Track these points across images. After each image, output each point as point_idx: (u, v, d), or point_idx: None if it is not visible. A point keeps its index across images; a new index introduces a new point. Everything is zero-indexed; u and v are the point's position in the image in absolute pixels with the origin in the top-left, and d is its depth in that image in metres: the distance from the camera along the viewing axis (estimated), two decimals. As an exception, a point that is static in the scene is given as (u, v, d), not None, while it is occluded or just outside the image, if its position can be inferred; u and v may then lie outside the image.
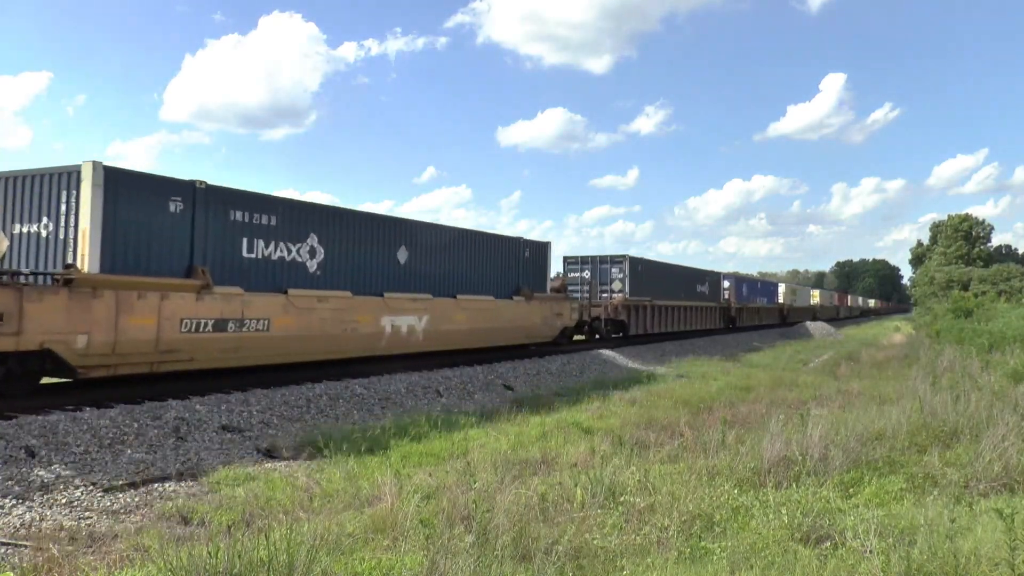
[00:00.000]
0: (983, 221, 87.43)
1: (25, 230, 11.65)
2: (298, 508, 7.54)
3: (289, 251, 14.57)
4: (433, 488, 7.87)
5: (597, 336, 29.34)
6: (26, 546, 6.42)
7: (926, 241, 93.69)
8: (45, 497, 7.97)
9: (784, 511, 6.42)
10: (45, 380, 11.99)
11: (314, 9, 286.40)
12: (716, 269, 48.81)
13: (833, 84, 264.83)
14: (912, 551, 5.18)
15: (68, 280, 10.70)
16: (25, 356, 10.60)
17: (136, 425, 10.67)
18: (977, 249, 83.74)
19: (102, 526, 7.23)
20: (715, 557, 5.65)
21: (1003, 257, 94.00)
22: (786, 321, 58.45)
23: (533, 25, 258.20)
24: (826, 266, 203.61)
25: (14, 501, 7.85)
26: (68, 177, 11.32)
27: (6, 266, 10.94)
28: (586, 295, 29.27)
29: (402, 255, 17.81)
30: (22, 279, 10.71)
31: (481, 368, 19.56)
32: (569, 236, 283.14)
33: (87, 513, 7.72)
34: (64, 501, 7.94)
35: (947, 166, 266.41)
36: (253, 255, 13.84)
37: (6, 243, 10.71)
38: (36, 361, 10.90)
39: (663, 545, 6.00)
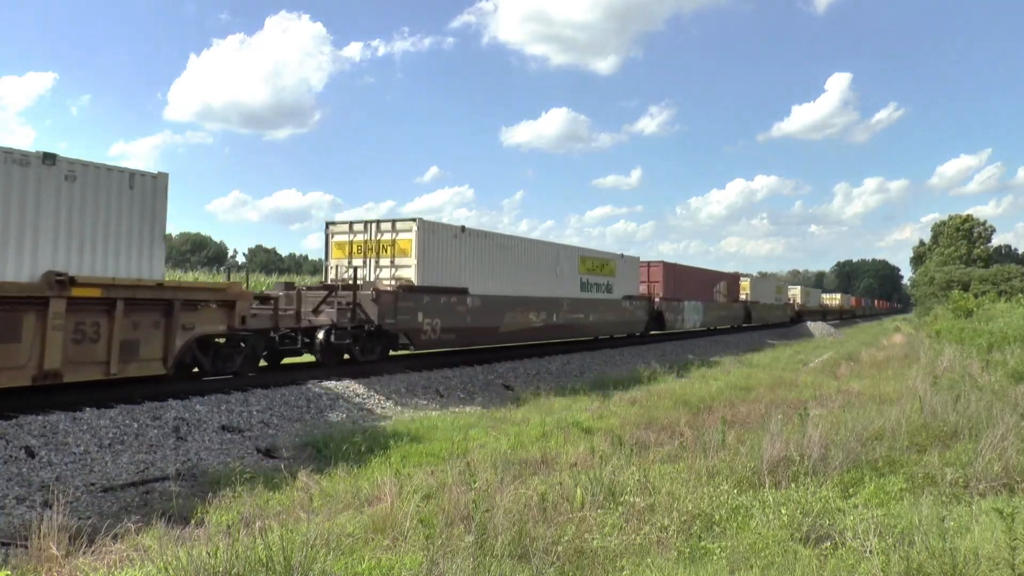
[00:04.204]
0: (984, 222, 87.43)
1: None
2: (298, 508, 7.54)
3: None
4: (433, 488, 7.86)
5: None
6: (26, 546, 6.41)
7: (928, 241, 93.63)
8: (45, 497, 7.97)
9: (784, 511, 6.41)
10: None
11: (321, 9, 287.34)
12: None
13: (838, 84, 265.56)
14: (912, 551, 5.18)
15: None
16: None
17: (136, 425, 10.67)
18: (978, 249, 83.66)
19: (102, 526, 7.22)
20: (715, 557, 5.65)
21: (1003, 257, 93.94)
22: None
23: (539, 25, 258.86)
24: (827, 266, 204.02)
25: (14, 501, 7.85)
26: None
27: None
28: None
29: None
30: None
31: (481, 368, 19.56)
32: (571, 236, 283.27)
33: (87, 513, 7.71)
34: (64, 501, 7.94)
35: (950, 165, 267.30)
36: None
37: None
38: None
39: (663, 545, 5.99)
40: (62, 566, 5.89)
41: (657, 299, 33.52)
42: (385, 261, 18.43)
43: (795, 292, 69.68)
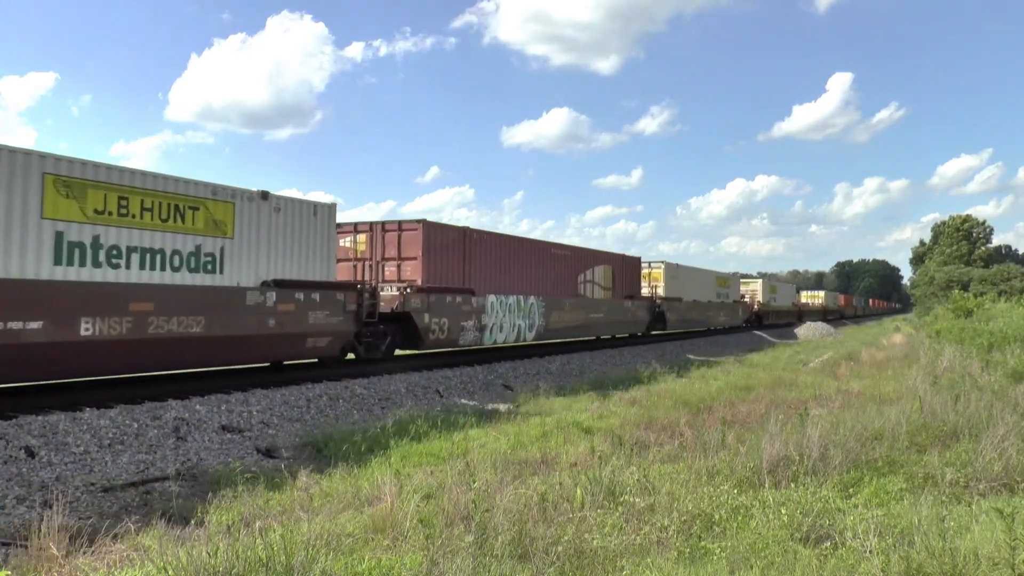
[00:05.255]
0: (983, 222, 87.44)
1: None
2: (298, 508, 7.54)
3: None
4: (433, 488, 7.86)
5: None
6: (26, 546, 6.41)
7: (928, 241, 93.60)
8: (45, 497, 7.96)
9: (784, 511, 6.41)
10: (46, 380, 11.99)
11: (323, 9, 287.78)
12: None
13: (839, 83, 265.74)
14: (912, 551, 5.18)
15: None
16: None
17: (136, 425, 10.67)
18: (979, 250, 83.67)
19: (102, 526, 7.22)
20: (715, 557, 5.64)
21: (1002, 257, 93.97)
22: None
23: (540, 25, 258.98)
24: (827, 266, 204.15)
25: (14, 501, 7.85)
26: None
27: None
28: None
29: None
30: None
31: (481, 368, 19.57)
32: (571, 236, 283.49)
33: (87, 513, 7.71)
34: (64, 501, 7.93)
35: (951, 165, 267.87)
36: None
37: None
38: None
39: (663, 545, 5.99)
40: (62, 566, 5.89)
41: (404, 290, 18.44)
42: None
43: (754, 287, 54.73)
